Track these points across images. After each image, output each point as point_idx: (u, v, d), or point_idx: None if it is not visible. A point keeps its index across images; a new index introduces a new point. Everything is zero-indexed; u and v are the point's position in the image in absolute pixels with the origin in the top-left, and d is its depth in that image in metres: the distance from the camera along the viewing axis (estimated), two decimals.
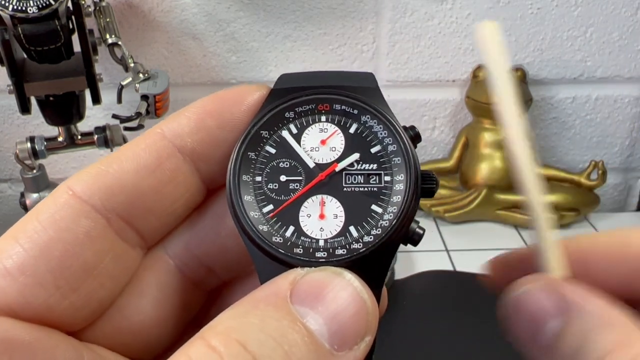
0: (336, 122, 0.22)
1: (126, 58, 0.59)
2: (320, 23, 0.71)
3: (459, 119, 0.76)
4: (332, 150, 0.22)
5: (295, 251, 0.20)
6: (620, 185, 0.82)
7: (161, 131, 0.21)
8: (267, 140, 0.22)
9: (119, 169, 0.20)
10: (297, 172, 0.21)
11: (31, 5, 0.50)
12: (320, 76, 0.23)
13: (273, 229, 0.20)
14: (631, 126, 0.78)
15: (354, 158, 0.21)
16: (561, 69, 0.74)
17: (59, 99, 0.58)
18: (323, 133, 0.22)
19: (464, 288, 0.59)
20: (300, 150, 0.21)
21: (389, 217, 0.20)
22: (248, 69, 0.72)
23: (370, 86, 0.22)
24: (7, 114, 0.73)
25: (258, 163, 0.21)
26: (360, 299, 0.18)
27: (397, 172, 0.21)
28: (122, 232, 0.20)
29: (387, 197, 0.21)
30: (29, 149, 0.60)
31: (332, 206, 0.21)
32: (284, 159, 0.21)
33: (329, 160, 0.21)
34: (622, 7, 0.71)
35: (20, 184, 0.63)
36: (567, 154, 0.79)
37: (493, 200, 0.70)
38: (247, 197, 0.21)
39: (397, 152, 0.21)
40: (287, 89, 0.22)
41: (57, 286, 0.19)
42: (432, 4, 0.70)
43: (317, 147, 0.22)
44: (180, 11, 0.69)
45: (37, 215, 0.19)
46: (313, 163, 0.21)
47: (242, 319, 0.17)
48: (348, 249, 0.20)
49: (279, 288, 0.18)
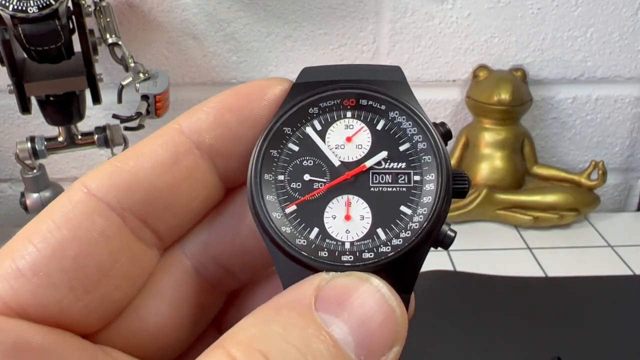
0: (362, 118, 0.21)
1: (126, 58, 0.59)
2: (321, 23, 0.70)
3: (459, 119, 0.76)
4: (358, 147, 0.20)
5: (320, 254, 0.19)
6: (620, 186, 0.82)
7: (179, 127, 0.20)
8: (290, 137, 0.20)
9: (136, 166, 0.19)
10: (321, 170, 0.20)
11: (31, 5, 0.50)
12: (345, 70, 0.21)
13: (296, 231, 0.19)
14: (631, 126, 0.77)
15: (381, 156, 0.20)
16: (561, 69, 0.74)
17: (59, 99, 0.58)
18: (349, 130, 0.21)
19: (464, 288, 0.59)
20: (325, 147, 0.20)
21: (419, 219, 0.19)
22: (248, 69, 0.72)
23: (398, 80, 0.21)
24: (7, 114, 0.73)
25: (280, 161, 0.20)
26: (389, 306, 0.17)
27: (428, 172, 0.20)
28: (138, 231, 0.19)
29: (416, 197, 0.20)
30: (29, 149, 0.60)
31: (359, 207, 0.20)
32: (308, 157, 0.20)
33: (355, 159, 0.20)
34: (623, 7, 0.71)
35: (21, 184, 0.63)
36: (567, 154, 0.79)
37: (493, 200, 0.70)
38: (269, 196, 0.20)
39: (428, 150, 0.20)
40: (310, 83, 0.21)
41: (71, 287, 0.18)
42: (432, 4, 0.70)
43: (342, 145, 0.20)
44: (181, 11, 0.69)
45: (50, 214, 0.18)
46: (338, 161, 0.20)
47: (264, 327, 0.16)
48: (376, 253, 0.19)
49: (303, 294, 0.17)
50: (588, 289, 0.59)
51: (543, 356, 0.50)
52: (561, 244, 0.68)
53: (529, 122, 0.75)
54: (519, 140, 0.73)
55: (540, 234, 0.70)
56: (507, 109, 0.70)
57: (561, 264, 0.64)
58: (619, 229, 0.71)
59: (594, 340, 0.52)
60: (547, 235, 0.69)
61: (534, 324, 0.54)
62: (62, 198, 0.19)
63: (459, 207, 0.70)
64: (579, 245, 0.68)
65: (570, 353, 0.50)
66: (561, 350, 0.50)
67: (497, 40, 0.72)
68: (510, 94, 0.69)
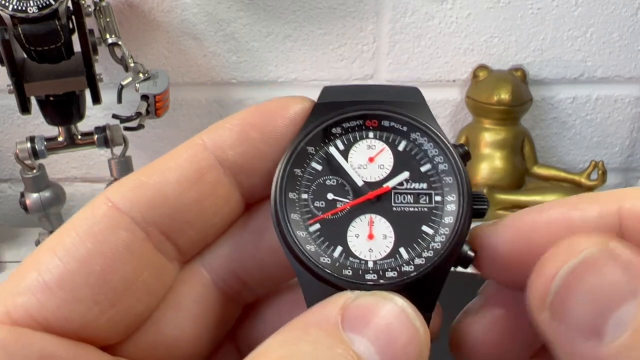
0: (384, 139, 0.21)
1: (126, 58, 0.59)
2: (321, 23, 0.70)
3: (459, 119, 0.76)
4: (380, 168, 0.21)
5: (344, 273, 0.19)
6: (620, 186, 0.82)
7: (202, 142, 0.20)
8: (314, 157, 0.21)
9: (160, 180, 0.19)
10: (344, 190, 0.21)
11: (31, 5, 0.50)
12: (366, 90, 0.22)
13: (320, 249, 0.20)
14: (631, 126, 0.78)
15: (403, 177, 0.21)
16: (561, 69, 0.74)
17: (59, 98, 0.58)
18: (371, 150, 0.21)
19: (464, 288, 0.59)
20: (348, 167, 0.21)
21: (440, 239, 0.20)
22: (248, 69, 0.72)
23: (418, 101, 0.21)
24: (7, 114, 0.73)
25: (304, 180, 0.21)
26: (413, 326, 0.17)
27: (449, 192, 0.20)
28: (160, 245, 0.20)
29: (438, 217, 0.20)
30: (29, 149, 0.60)
31: (382, 226, 0.20)
32: (331, 177, 0.21)
33: (378, 179, 0.21)
34: (623, 7, 0.71)
35: (20, 184, 0.63)
36: (567, 154, 0.79)
37: (493, 200, 0.70)
38: (293, 215, 0.20)
39: (449, 172, 0.21)
40: (332, 103, 0.21)
41: (96, 301, 0.18)
42: (432, 4, 0.70)
43: (365, 165, 0.21)
44: (181, 11, 0.69)
45: (74, 227, 0.19)
46: (361, 181, 0.21)
47: (294, 347, 0.16)
48: (399, 272, 0.19)
49: (330, 313, 0.17)
50: None
51: None
52: None
53: (529, 122, 0.75)
54: (519, 140, 0.73)
55: None
56: (507, 109, 0.70)
57: None
58: None
59: None
60: None
61: None
62: (86, 211, 0.19)
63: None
64: None
65: None
66: None
67: (497, 40, 0.72)
68: (510, 94, 0.69)
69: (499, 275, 0.20)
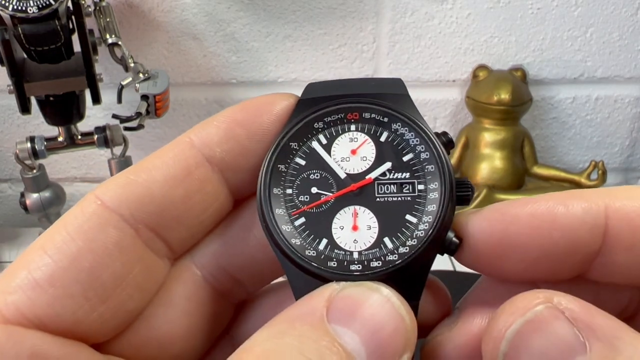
0: (366, 130, 0.21)
1: (126, 58, 0.59)
2: (321, 23, 0.71)
3: (459, 119, 0.76)
4: (363, 159, 0.21)
5: (329, 264, 0.19)
6: (620, 185, 0.82)
7: (190, 140, 0.20)
8: (297, 152, 0.21)
9: (148, 179, 0.19)
10: (328, 183, 0.21)
11: (31, 5, 0.50)
12: (347, 84, 0.22)
13: (306, 242, 0.20)
14: (631, 126, 0.78)
15: (385, 167, 0.21)
16: (561, 69, 0.74)
17: (59, 99, 0.58)
18: (353, 143, 0.21)
19: (464, 288, 0.59)
20: (331, 160, 0.21)
21: (424, 227, 0.20)
22: (248, 69, 0.72)
23: (400, 92, 0.22)
24: (7, 114, 0.73)
25: (288, 175, 0.21)
26: (399, 315, 0.18)
27: (431, 180, 0.20)
28: (150, 242, 0.20)
29: (421, 206, 0.20)
30: (29, 149, 0.60)
31: (365, 217, 0.20)
32: (315, 171, 0.21)
33: (360, 170, 0.21)
34: (622, 7, 0.71)
35: (20, 184, 0.63)
36: (567, 154, 0.79)
37: (493, 200, 0.70)
38: (278, 210, 0.20)
39: (430, 160, 0.21)
40: (314, 98, 0.22)
41: (87, 298, 0.18)
42: (432, 4, 0.70)
43: (347, 157, 0.21)
44: (181, 11, 0.69)
45: (65, 225, 0.19)
46: (344, 173, 0.21)
47: (279, 340, 0.16)
48: (383, 261, 0.19)
49: (315, 306, 0.17)
50: None
51: None
52: None
53: (528, 122, 0.75)
54: (519, 140, 0.73)
55: None
56: (507, 109, 0.70)
57: None
58: None
59: None
60: None
61: None
62: (75, 210, 0.19)
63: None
64: None
65: None
66: None
67: (497, 40, 0.72)
68: (510, 94, 0.69)
69: (477, 264, 0.20)
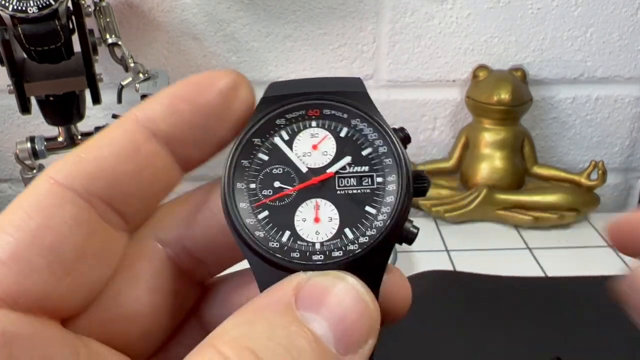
0: (326, 126, 0.22)
1: (126, 58, 0.59)
2: (321, 23, 0.71)
3: (459, 119, 0.76)
4: (324, 154, 0.22)
5: (292, 255, 0.20)
6: (620, 185, 0.82)
7: (135, 116, 0.21)
8: (260, 148, 0.22)
9: (98, 156, 0.20)
10: (290, 177, 0.21)
11: (31, 5, 0.51)
12: (309, 83, 0.23)
13: (269, 235, 0.21)
14: (631, 126, 0.78)
15: (345, 161, 0.22)
16: (561, 69, 0.74)
17: (59, 99, 0.58)
18: (314, 138, 0.22)
19: (464, 288, 0.60)
20: (293, 155, 0.22)
21: (382, 218, 0.21)
22: (248, 69, 0.72)
23: (359, 90, 0.22)
24: (7, 114, 0.73)
25: (252, 170, 0.22)
26: (364, 302, 0.18)
27: (389, 173, 0.21)
28: (105, 215, 0.20)
29: (380, 198, 0.21)
30: (29, 149, 0.60)
31: (327, 209, 0.21)
32: (277, 165, 0.22)
33: (322, 165, 0.22)
34: (622, 7, 0.71)
35: (20, 184, 0.63)
36: (567, 154, 0.79)
37: (493, 200, 0.70)
38: (242, 204, 0.21)
39: (388, 154, 0.21)
40: (277, 96, 0.23)
41: (52, 271, 0.19)
42: (432, 4, 0.70)
43: (309, 152, 0.22)
44: (181, 11, 0.69)
45: (21, 205, 0.19)
46: (306, 168, 0.21)
47: (250, 327, 0.17)
48: (344, 251, 0.20)
49: (283, 294, 0.18)
50: (588, 289, 0.59)
51: (543, 356, 0.50)
52: (561, 244, 0.68)
53: (528, 122, 0.75)
54: (519, 140, 0.73)
55: (540, 234, 0.70)
56: (507, 109, 0.70)
57: (561, 264, 0.64)
58: None
59: (594, 340, 0.52)
60: (547, 235, 0.69)
61: (534, 324, 0.54)
62: (29, 191, 0.20)
63: (459, 207, 0.70)
64: (579, 245, 0.68)
65: (570, 353, 0.50)
66: (561, 350, 0.50)
67: (497, 40, 0.72)
68: (510, 94, 0.69)
69: None
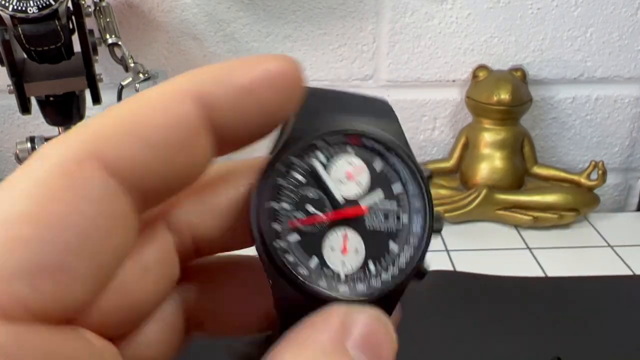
0: (364, 157, 0.22)
1: (126, 58, 0.59)
2: (320, 23, 0.71)
3: (459, 119, 0.76)
4: (358, 185, 0.22)
5: (319, 283, 0.20)
6: (620, 186, 0.82)
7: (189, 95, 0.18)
8: (296, 168, 0.21)
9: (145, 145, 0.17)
10: (324, 203, 0.21)
11: (31, 5, 0.51)
12: (349, 102, 0.23)
13: (298, 260, 0.20)
14: (631, 126, 0.78)
15: (377, 196, 0.22)
16: (561, 69, 0.74)
17: (59, 99, 0.58)
18: (350, 166, 0.22)
19: (464, 288, 0.60)
20: (330, 182, 0.21)
21: (405, 258, 0.21)
22: None
23: (395, 121, 0.22)
24: (7, 114, 0.73)
25: (286, 190, 0.21)
26: (392, 336, 0.19)
27: (415, 214, 0.22)
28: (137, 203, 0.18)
29: (404, 236, 0.21)
30: (29, 149, 0.60)
31: (354, 241, 0.21)
32: (312, 189, 0.21)
33: (354, 195, 0.21)
34: (622, 7, 0.71)
35: None
36: (567, 154, 0.79)
37: (493, 200, 0.70)
38: (274, 224, 0.21)
39: (417, 196, 0.22)
40: (318, 110, 0.22)
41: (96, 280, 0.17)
42: (432, 4, 0.70)
43: (344, 180, 0.22)
44: (181, 11, 0.69)
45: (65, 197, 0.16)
46: (340, 196, 0.21)
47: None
48: (368, 285, 0.21)
49: (332, 329, 0.19)
50: (588, 289, 0.59)
51: (543, 356, 0.50)
52: (561, 244, 0.68)
53: (528, 122, 0.75)
54: (519, 140, 0.73)
55: (540, 234, 0.70)
56: (507, 109, 0.70)
57: (561, 264, 0.64)
58: (619, 229, 0.71)
59: (594, 340, 0.52)
60: (547, 235, 0.69)
61: (534, 324, 0.54)
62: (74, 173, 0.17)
63: (459, 207, 0.70)
64: (579, 245, 0.68)
65: (570, 353, 0.50)
66: (561, 350, 0.50)
67: (497, 40, 0.72)
68: (510, 94, 0.69)
69: None
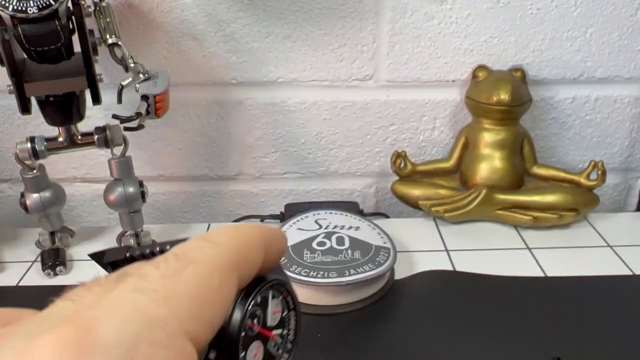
0: (283, 304, 0.24)
1: (126, 58, 0.59)
2: (320, 23, 0.71)
3: (459, 119, 0.76)
4: (275, 319, 0.23)
5: None
6: (620, 186, 0.82)
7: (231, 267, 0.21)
8: (263, 294, 0.22)
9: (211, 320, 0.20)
10: (260, 320, 0.23)
11: (31, 5, 0.51)
12: None
13: None
14: (631, 126, 0.78)
15: (279, 331, 0.24)
16: (561, 69, 0.74)
17: (59, 99, 0.58)
18: (277, 307, 0.24)
19: (464, 288, 0.60)
20: (269, 309, 0.23)
21: None
22: (248, 69, 0.72)
23: None
24: (7, 114, 0.73)
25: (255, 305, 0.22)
26: None
27: (286, 352, 0.24)
28: None
29: None
30: (29, 149, 0.60)
31: (260, 352, 0.23)
32: (260, 309, 0.23)
33: (272, 323, 0.23)
34: (622, 7, 0.71)
35: (20, 184, 0.63)
36: (566, 154, 0.79)
37: (493, 200, 0.70)
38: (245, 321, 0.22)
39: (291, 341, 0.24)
40: None
41: None
42: (432, 4, 0.70)
43: (271, 312, 0.23)
44: (181, 11, 0.69)
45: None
46: (268, 320, 0.23)
47: None
48: None
49: None
50: (588, 289, 0.59)
51: (543, 356, 0.50)
52: (561, 244, 0.68)
53: (528, 122, 0.75)
54: (519, 140, 0.73)
55: (540, 234, 0.70)
56: (507, 109, 0.70)
57: (561, 264, 0.64)
58: (619, 229, 0.71)
59: (594, 340, 0.52)
60: (547, 236, 0.69)
61: (534, 324, 0.54)
62: None
63: (459, 207, 0.70)
64: (579, 245, 0.68)
65: (570, 353, 0.50)
66: (561, 350, 0.50)
67: (497, 40, 0.73)
68: (510, 94, 0.69)
69: None
